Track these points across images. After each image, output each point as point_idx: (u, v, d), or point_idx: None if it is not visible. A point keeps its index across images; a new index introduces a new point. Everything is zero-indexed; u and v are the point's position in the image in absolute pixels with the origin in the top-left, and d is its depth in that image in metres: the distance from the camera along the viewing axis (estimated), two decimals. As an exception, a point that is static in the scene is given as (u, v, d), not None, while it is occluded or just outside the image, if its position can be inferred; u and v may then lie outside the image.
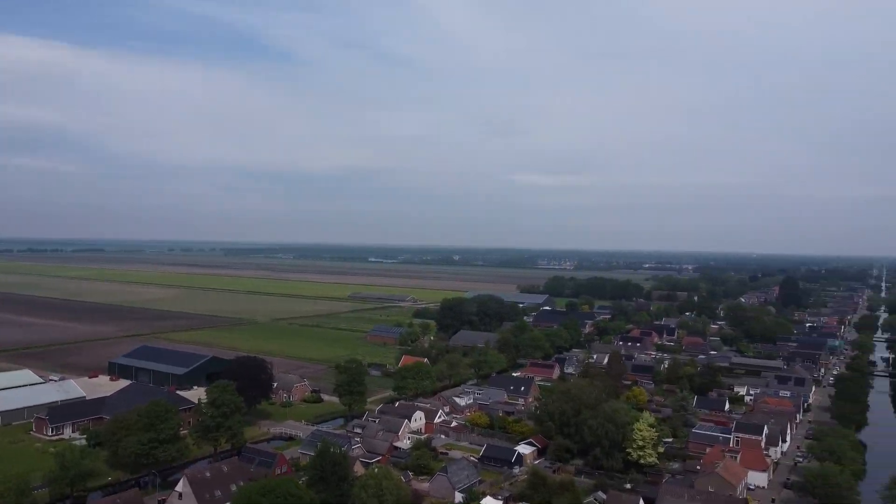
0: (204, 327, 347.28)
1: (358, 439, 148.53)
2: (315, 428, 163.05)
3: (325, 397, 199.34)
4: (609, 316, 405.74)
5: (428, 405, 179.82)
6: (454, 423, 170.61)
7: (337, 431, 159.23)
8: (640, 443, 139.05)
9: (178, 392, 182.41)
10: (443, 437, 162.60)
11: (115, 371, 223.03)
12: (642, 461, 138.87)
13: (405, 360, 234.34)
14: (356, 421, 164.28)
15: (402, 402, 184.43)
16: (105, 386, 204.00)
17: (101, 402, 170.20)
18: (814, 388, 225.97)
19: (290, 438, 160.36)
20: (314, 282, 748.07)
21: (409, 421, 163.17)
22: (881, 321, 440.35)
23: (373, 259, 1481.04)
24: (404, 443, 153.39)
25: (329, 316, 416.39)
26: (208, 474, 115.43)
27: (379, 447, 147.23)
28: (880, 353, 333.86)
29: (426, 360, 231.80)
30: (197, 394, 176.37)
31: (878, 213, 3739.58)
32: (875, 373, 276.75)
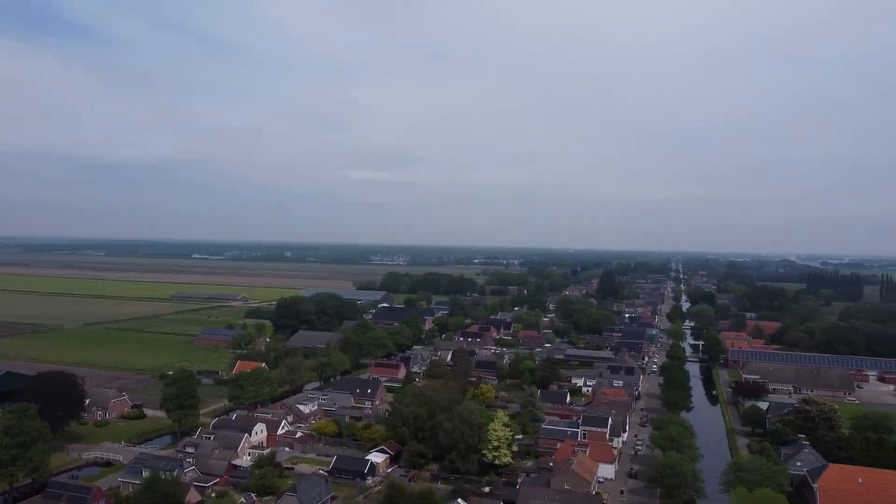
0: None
1: (191, 460, 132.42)
2: (138, 450, 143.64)
3: (149, 412, 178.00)
4: (447, 311, 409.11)
5: (269, 415, 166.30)
6: (299, 434, 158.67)
7: (164, 452, 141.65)
8: (496, 443, 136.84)
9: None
10: (287, 449, 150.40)
11: None
12: (497, 462, 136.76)
13: (240, 365, 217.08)
14: (188, 438, 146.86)
15: (239, 413, 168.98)
16: None
17: None
18: (641, 377, 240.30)
19: (108, 464, 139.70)
20: (132, 280, 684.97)
21: (250, 435, 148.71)
22: (684, 310, 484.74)
23: (197, 256, 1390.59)
24: (245, 460, 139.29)
25: (151, 318, 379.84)
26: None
27: (216, 467, 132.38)
28: (689, 340, 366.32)
29: (264, 364, 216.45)
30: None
31: (672, 213, 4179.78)
32: (687, 359, 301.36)
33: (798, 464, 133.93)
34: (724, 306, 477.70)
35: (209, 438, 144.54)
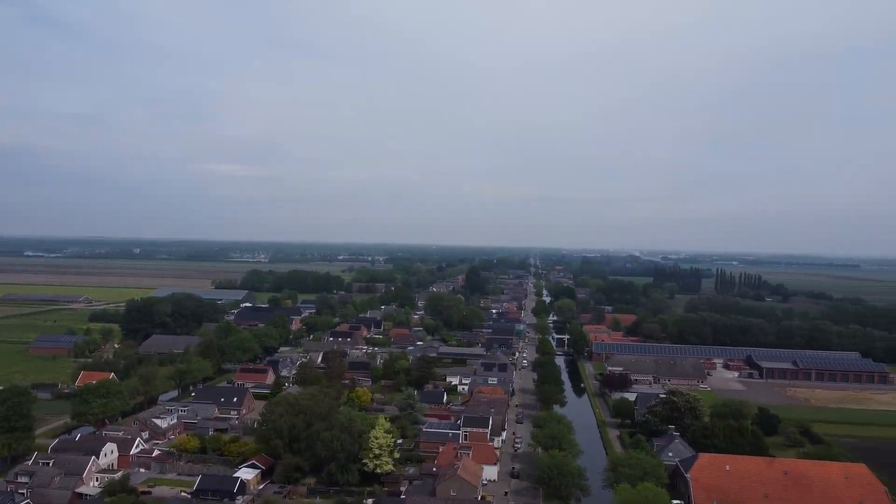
0: None
1: (24, 491, 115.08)
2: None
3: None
4: (315, 311, 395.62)
5: (120, 432, 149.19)
6: (156, 452, 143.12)
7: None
8: (377, 451, 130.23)
9: None
10: (143, 471, 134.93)
11: None
12: (379, 470, 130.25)
13: (85, 375, 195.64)
14: (20, 465, 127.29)
15: (84, 432, 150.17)
16: None
17: None
18: (514, 373, 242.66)
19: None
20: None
21: (97, 456, 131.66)
22: (548, 304, 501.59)
23: (30, 253, 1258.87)
24: (92, 487, 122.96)
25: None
26: None
27: (56, 498, 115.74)
28: (553, 334, 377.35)
29: (112, 374, 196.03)
30: None
31: (527, 210, 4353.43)
32: (555, 353, 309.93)
33: (670, 454, 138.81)
34: (584, 300, 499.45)
35: (47, 464, 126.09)
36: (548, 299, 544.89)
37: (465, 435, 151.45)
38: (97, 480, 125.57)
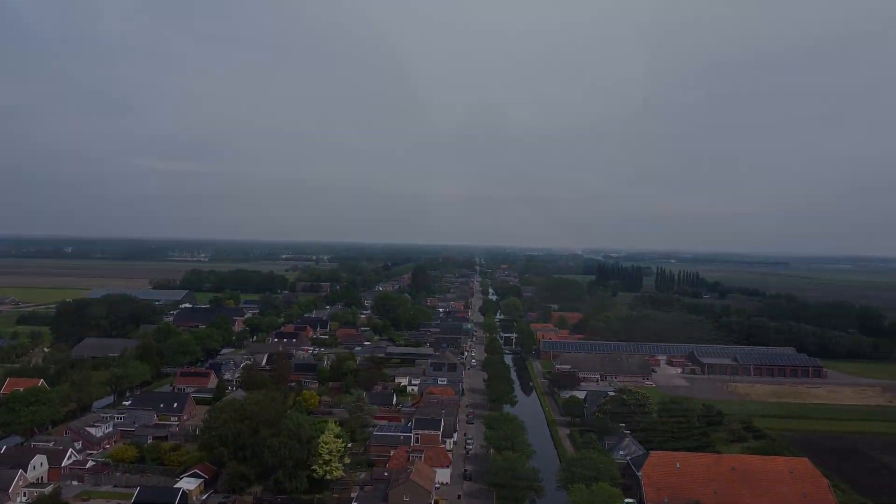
0: None
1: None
2: None
3: None
4: (258, 311, 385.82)
5: (51, 443, 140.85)
6: (91, 463, 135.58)
7: None
8: (327, 456, 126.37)
9: None
10: (76, 483, 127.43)
11: None
12: (329, 477, 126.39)
13: (11, 383, 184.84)
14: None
15: (11, 443, 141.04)
16: None
17: None
18: (463, 372, 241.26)
19: None
20: None
21: (25, 470, 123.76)
22: (493, 302, 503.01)
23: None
24: (19, 503, 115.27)
25: None
26: None
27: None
28: (500, 332, 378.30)
29: (42, 380, 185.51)
30: None
31: (472, 209, 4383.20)
32: (503, 352, 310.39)
33: (621, 452, 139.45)
34: (530, 299, 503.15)
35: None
36: (494, 297, 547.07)
37: (417, 437, 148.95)
38: (25, 495, 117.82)
